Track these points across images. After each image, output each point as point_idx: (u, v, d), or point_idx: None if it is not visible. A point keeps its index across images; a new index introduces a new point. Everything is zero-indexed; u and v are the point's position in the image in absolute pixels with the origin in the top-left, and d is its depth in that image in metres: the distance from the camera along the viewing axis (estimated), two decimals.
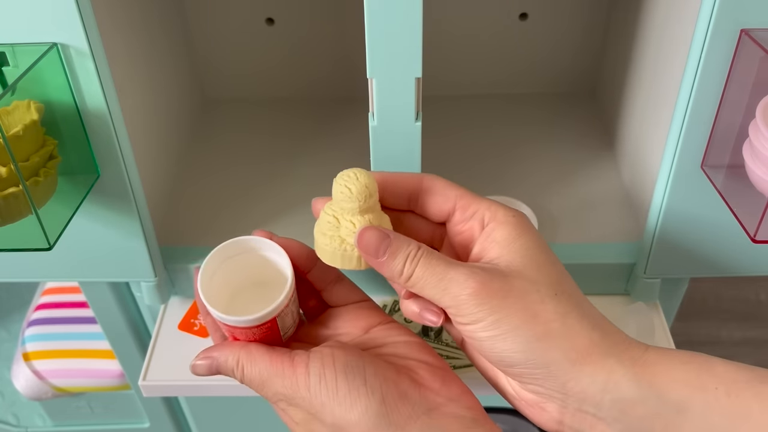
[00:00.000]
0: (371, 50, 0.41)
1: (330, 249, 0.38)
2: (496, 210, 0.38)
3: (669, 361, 0.34)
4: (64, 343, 0.85)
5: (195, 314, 0.55)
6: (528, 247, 0.36)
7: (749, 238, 0.42)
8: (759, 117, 0.40)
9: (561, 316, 0.34)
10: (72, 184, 0.47)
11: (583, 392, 0.34)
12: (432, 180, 0.40)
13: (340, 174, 0.37)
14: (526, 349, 0.34)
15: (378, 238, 0.36)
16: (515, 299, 0.34)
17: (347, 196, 0.36)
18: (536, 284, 0.35)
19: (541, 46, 0.71)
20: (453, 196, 0.39)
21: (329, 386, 0.35)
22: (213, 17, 0.70)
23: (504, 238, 0.36)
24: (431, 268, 0.35)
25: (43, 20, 0.41)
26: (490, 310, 0.34)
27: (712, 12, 0.41)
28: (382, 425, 0.34)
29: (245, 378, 0.38)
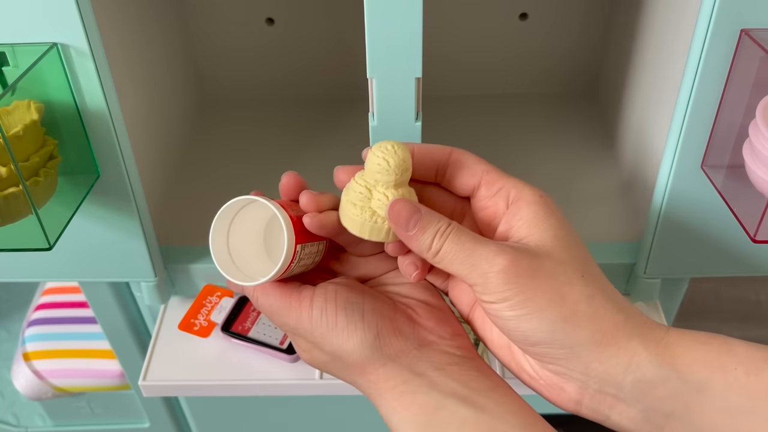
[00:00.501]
0: (371, 50, 0.41)
1: (360, 220, 0.37)
2: (522, 188, 0.38)
3: (689, 342, 0.34)
4: (64, 343, 0.85)
5: (195, 314, 0.55)
6: (556, 227, 0.36)
7: (749, 238, 0.42)
8: (759, 117, 0.40)
9: (587, 298, 0.34)
10: (72, 184, 0.47)
11: (606, 372, 0.34)
12: (461, 154, 0.40)
13: (378, 145, 0.37)
14: (553, 329, 0.34)
15: (409, 212, 0.36)
16: (544, 279, 0.34)
17: (384, 169, 0.36)
18: (564, 265, 0.35)
19: (541, 46, 0.71)
20: (480, 171, 0.39)
21: (329, 319, 0.37)
22: (213, 17, 0.70)
23: (532, 218, 0.37)
24: (460, 244, 0.35)
25: (43, 20, 0.41)
26: (518, 289, 0.34)
27: (712, 12, 0.41)
28: (375, 356, 0.37)
29: (260, 306, 0.40)
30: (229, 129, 0.72)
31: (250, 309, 0.56)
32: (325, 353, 0.38)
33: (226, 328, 0.55)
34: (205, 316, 0.55)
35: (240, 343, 0.55)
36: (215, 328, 0.55)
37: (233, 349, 0.55)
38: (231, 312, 0.56)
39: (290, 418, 0.77)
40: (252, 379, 0.54)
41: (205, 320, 0.55)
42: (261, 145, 0.69)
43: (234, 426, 0.78)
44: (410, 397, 0.35)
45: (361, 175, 0.38)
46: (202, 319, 0.55)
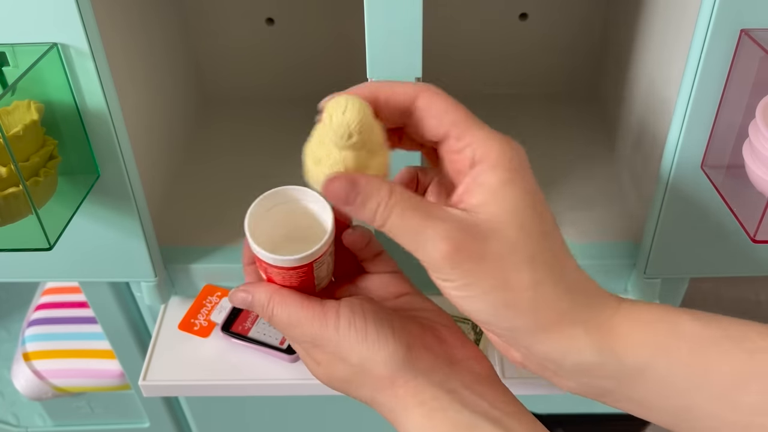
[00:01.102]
0: (371, 50, 0.41)
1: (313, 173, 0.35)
2: (490, 147, 0.35)
3: (634, 324, 0.34)
4: (64, 343, 0.85)
5: (195, 314, 0.55)
6: (515, 198, 0.34)
7: (749, 238, 0.42)
8: (759, 117, 0.40)
9: (533, 285, 0.33)
10: (72, 184, 0.47)
11: (546, 354, 0.34)
12: (428, 99, 0.36)
13: (335, 98, 0.34)
14: (494, 313, 0.34)
15: (345, 188, 0.33)
16: (490, 263, 0.33)
17: (327, 125, 0.33)
18: (514, 247, 0.33)
19: (541, 46, 0.71)
20: (447, 122, 0.36)
21: (358, 331, 0.37)
22: (213, 17, 0.70)
23: (492, 184, 0.34)
24: (405, 220, 0.33)
25: (43, 20, 0.41)
26: (462, 274, 0.33)
27: (712, 12, 0.41)
28: (406, 369, 0.36)
29: (274, 317, 0.39)
30: (230, 129, 0.72)
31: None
32: (349, 366, 0.37)
33: (226, 328, 0.55)
34: (205, 316, 0.55)
35: (240, 343, 0.55)
36: (215, 328, 0.55)
37: (233, 349, 0.55)
38: (231, 312, 0.56)
39: (290, 418, 0.77)
40: (252, 379, 0.54)
41: (205, 320, 0.55)
42: (261, 145, 0.69)
43: (234, 426, 0.78)
44: (441, 414, 0.35)
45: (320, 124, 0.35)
46: (202, 319, 0.55)
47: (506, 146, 0.35)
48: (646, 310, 0.35)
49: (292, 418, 0.77)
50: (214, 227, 0.59)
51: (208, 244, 0.57)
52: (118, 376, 0.82)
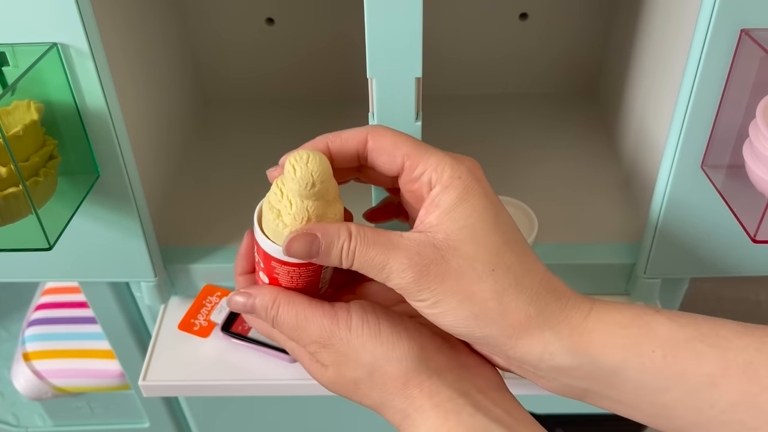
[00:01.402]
0: (371, 50, 0.41)
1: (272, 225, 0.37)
2: (442, 170, 0.37)
3: (607, 327, 0.35)
4: (64, 343, 0.85)
5: (195, 314, 0.55)
6: (469, 215, 0.35)
7: (749, 238, 0.42)
8: (759, 117, 0.40)
9: (497, 295, 0.34)
10: (72, 184, 0.47)
11: (522, 358, 0.35)
12: (377, 138, 0.38)
13: (296, 151, 0.36)
14: (465, 325, 0.35)
15: (305, 246, 0.35)
16: (452, 280, 0.34)
17: (290, 176, 0.35)
18: (473, 261, 0.35)
19: (541, 46, 0.71)
20: (398, 156, 0.38)
21: (371, 329, 0.36)
22: (213, 17, 0.70)
23: (446, 204, 0.36)
24: (369, 258, 0.35)
25: (43, 20, 0.41)
26: (430, 293, 0.35)
27: (712, 12, 0.41)
28: (420, 368, 0.36)
29: (278, 318, 0.38)
30: (230, 129, 0.72)
31: None
32: (360, 366, 0.36)
33: (226, 328, 0.55)
34: (205, 316, 0.55)
35: (240, 343, 0.55)
36: (215, 328, 0.55)
37: (233, 349, 0.55)
38: (231, 312, 0.56)
39: (290, 418, 0.77)
40: (252, 379, 0.54)
41: (205, 320, 0.55)
42: (261, 145, 0.69)
43: (234, 426, 0.78)
44: (455, 417, 0.35)
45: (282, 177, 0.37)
46: (202, 319, 0.55)
47: (458, 165, 0.37)
48: (619, 312, 0.35)
49: (292, 418, 0.77)
50: (214, 227, 0.59)
51: (208, 244, 0.57)
52: (118, 376, 0.82)
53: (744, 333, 0.34)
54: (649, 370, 0.34)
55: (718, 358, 0.33)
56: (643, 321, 0.35)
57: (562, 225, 0.58)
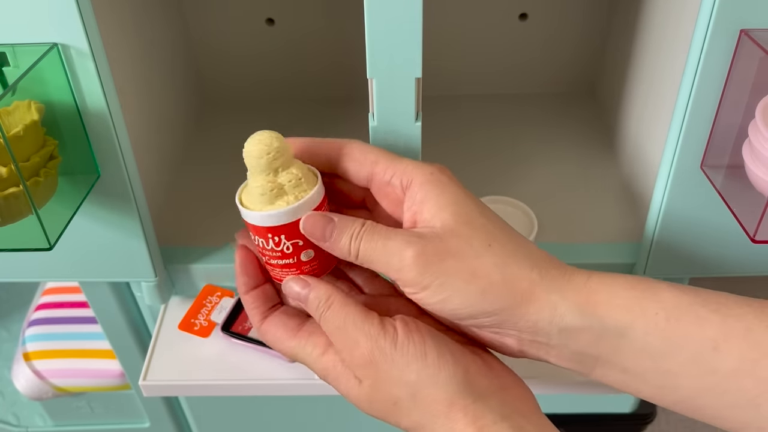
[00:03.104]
0: (371, 50, 0.41)
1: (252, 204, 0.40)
2: (412, 170, 0.38)
3: (611, 288, 0.35)
4: (65, 342, 0.85)
5: (195, 314, 0.55)
6: (455, 203, 0.37)
7: (749, 238, 0.42)
8: (758, 117, 0.40)
9: (498, 267, 0.35)
10: (72, 184, 0.47)
11: (534, 326, 0.36)
12: (350, 146, 0.40)
13: None
14: (474, 303, 0.35)
15: (323, 223, 0.38)
16: (453, 260, 0.35)
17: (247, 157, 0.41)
18: (470, 239, 0.36)
19: (541, 46, 0.71)
20: (368, 162, 0.40)
21: (417, 348, 0.36)
22: (213, 17, 0.70)
23: (427, 199, 0.37)
24: (373, 243, 0.37)
25: (44, 20, 0.41)
26: (432, 276, 0.35)
27: (711, 12, 0.41)
28: (466, 392, 0.35)
29: (326, 315, 0.38)
30: (230, 129, 0.72)
31: None
32: (403, 385, 0.36)
33: (226, 328, 0.55)
34: (206, 316, 0.55)
35: (240, 343, 0.55)
36: (215, 328, 0.55)
37: (233, 349, 0.55)
38: (231, 312, 0.56)
39: (290, 418, 0.77)
40: (252, 379, 0.54)
41: (206, 320, 0.55)
42: None
43: (234, 426, 0.79)
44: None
45: None
46: (203, 319, 0.55)
47: (428, 167, 0.39)
48: (621, 277, 0.36)
49: (292, 418, 0.77)
50: (214, 227, 0.59)
51: (208, 244, 0.57)
52: (119, 376, 0.82)
53: (743, 302, 0.34)
54: (654, 333, 0.34)
55: (719, 323, 0.33)
56: (646, 285, 0.35)
57: (562, 225, 0.58)
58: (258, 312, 0.42)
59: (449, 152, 0.67)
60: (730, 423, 0.34)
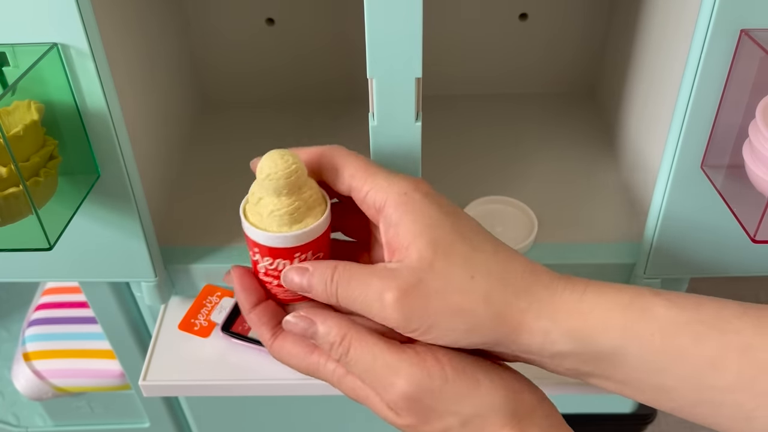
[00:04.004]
0: (371, 50, 0.41)
1: (253, 221, 0.39)
2: (388, 189, 0.37)
3: (605, 310, 0.34)
4: (65, 343, 0.85)
5: (195, 314, 0.55)
6: (431, 226, 0.35)
7: (749, 238, 0.42)
8: (759, 117, 0.40)
9: (484, 299, 0.34)
10: (72, 184, 0.47)
11: (527, 349, 0.35)
12: (330, 156, 0.39)
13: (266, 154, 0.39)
14: (465, 338, 0.35)
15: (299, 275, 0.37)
16: (436, 299, 0.34)
17: (261, 177, 0.38)
18: (450, 273, 0.34)
19: (541, 46, 0.71)
20: (347, 175, 0.38)
21: (469, 378, 0.35)
22: (213, 17, 0.70)
23: (404, 222, 0.35)
24: (350, 290, 0.35)
25: (44, 20, 0.41)
26: (418, 320, 0.34)
27: (712, 12, 0.41)
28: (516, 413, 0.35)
29: (349, 358, 0.36)
30: (230, 129, 0.72)
31: None
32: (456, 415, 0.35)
33: (226, 328, 0.55)
34: (206, 316, 0.55)
35: (240, 343, 0.55)
36: (215, 328, 0.55)
37: (233, 349, 0.55)
38: (231, 312, 0.56)
39: (290, 418, 0.77)
40: (252, 379, 0.54)
41: (206, 320, 0.55)
42: (261, 145, 0.68)
43: (234, 426, 0.79)
44: None
45: None
46: (203, 319, 0.55)
47: (403, 183, 0.37)
48: (617, 293, 0.35)
49: (292, 418, 0.77)
50: (214, 227, 0.59)
51: (208, 244, 0.57)
52: (118, 376, 0.82)
53: (744, 314, 0.34)
54: (649, 353, 0.34)
55: (717, 340, 0.33)
56: (641, 303, 0.35)
57: (562, 225, 0.58)
58: (267, 329, 0.40)
59: (449, 152, 0.67)
60: (725, 429, 0.34)
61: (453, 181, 0.63)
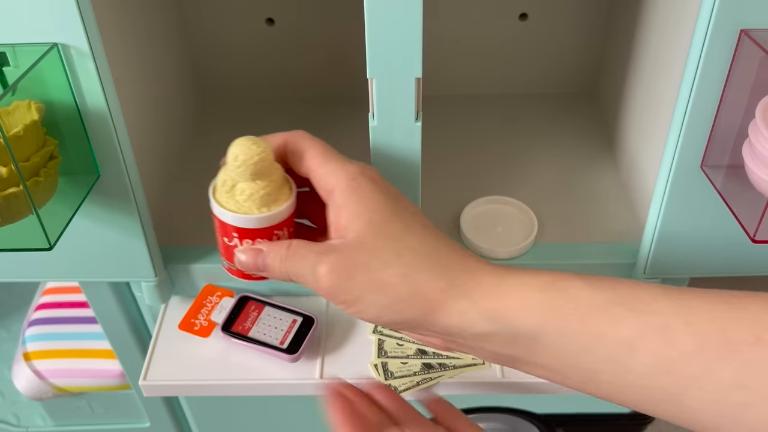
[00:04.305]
0: (371, 50, 0.41)
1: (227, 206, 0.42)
2: (337, 174, 0.39)
3: (523, 291, 0.35)
4: (65, 342, 0.85)
5: (195, 314, 0.55)
6: (371, 209, 0.38)
7: (749, 238, 0.42)
8: (758, 117, 0.40)
9: (407, 278, 0.36)
10: (72, 184, 0.47)
11: (448, 330, 0.37)
12: (292, 144, 0.42)
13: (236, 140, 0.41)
14: (386, 314, 0.37)
15: (254, 256, 0.41)
16: (362, 274, 0.36)
17: (230, 162, 0.40)
18: (378, 250, 0.37)
19: (541, 46, 0.71)
20: (306, 159, 0.41)
21: None
22: (213, 17, 0.70)
23: (348, 205, 0.38)
24: (295, 263, 0.38)
25: (44, 21, 0.41)
26: (345, 292, 0.37)
27: (711, 12, 0.41)
28: None
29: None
30: (230, 129, 0.72)
31: (250, 309, 0.57)
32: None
33: (226, 328, 0.55)
34: (206, 316, 0.55)
35: (240, 343, 0.55)
36: (215, 328, 0.55)
37: (233, 349, 0.56)
38: (231, 312, 0.56)
39: (290, 418, 0.77)
40: (252, 379, 0.54)
41: (206, 320, 0.55)
42: None
43: (234, 426, 0.79)
44: None
45: None
46: (203, 318, 0.55)
47: (352, 169, 0.40)
48: (535, 277, 0.36)
49: (292, 418, 0.77)
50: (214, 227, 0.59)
51: (208, 244, 0.57)
52: (119, 376, 0.82)
53: (663, 296, 0.33)
54: (567, 334, 0.34)
55: (634, 321, 0.33)
56: (559, 285, 0.35)
57: (562, 225, 0.58)
58: None
59: (449, 152, 0.67)
60: (657, 415, 0.34)
61: (453, 181, 0.63)
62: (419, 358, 0.54)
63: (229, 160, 0.41)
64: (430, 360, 0.54)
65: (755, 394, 0.29)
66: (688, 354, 0.31)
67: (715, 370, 0.30)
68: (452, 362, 0.54)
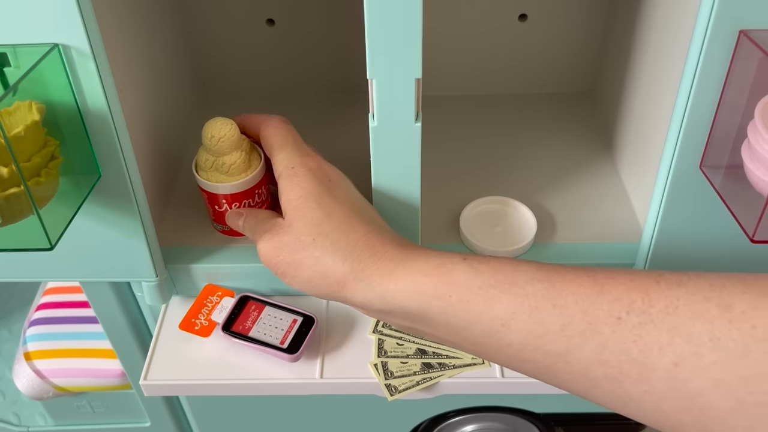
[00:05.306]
0: (371, 50, 0.41)
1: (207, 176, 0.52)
2: (284, 164, 0.47)
3: (412, 276, 0.39)
4: (66, 342, 0.85)
5: (196, 314, 0.56)
6: (303, 195, 0.44)
7: (748, 238, 0.42)
8: (757, 118, 0.40)
9: (317, 259, 0.42)
10: (73, 184, 0.47)
11: (356, 305, 0.42)
12: (266, 127, 0.50)
13: None
14: (307, 288, 0.43)
15: (236, 217, 0.52)
16: (285, 253, 0.43)
17: (205, 140, 0.51)
18: (298, 234, 0.43)
19: (541, 47, 0.72)
20: (269, 145, 0.49)
21: None
22: (213, 18, 0.70)
23: (287, 191, 0.45)
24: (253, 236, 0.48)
25: (45, 21, 0.41)
26: (275, 267, 0.44)
27: (711, 13, 0.41)
28: None
29: None
30: None
31: (250, 309, 0.57)
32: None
33: (226, 328, 0.55)
34: (206, 315, 0.56)
35: (240, 342, 0.55)
36: (216, 328, 0.55)
37: (234, 349, 0.56)
38: (232, 312, 0.56)
39: (290, 418, 0.77)
40: (252, 379, 0.54)
41: (206, 320, 0.55)
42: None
43: (234, 426, 0.79)
44: None
45: None
46: (203, 318, 0.55)
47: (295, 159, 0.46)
48: (426, 262, 0.40)
49: (292, 418, 0.77)
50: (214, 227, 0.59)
51: (208, 244, 0.58)
52: (119, 375, 0.82)
53: (537, 279, 0.36)
54: (449, 313, 0.38)
55: (507, 303, 0.36)
56: (444, 269, 0.39)
57: (562, 225, 0.58)
58: None
59: (449, 152, 0.67)
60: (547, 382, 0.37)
61: (453, 181, 0.63)
62: (419, 358, 0.54)
63: (205, 141, 0.50)
64: (430, 360, 0.54)
65: (615, 368, 0.32)
66: (553, 333, 0.34)
67: (577, 348, 0.34)
68: (452, 362, 0.54)
